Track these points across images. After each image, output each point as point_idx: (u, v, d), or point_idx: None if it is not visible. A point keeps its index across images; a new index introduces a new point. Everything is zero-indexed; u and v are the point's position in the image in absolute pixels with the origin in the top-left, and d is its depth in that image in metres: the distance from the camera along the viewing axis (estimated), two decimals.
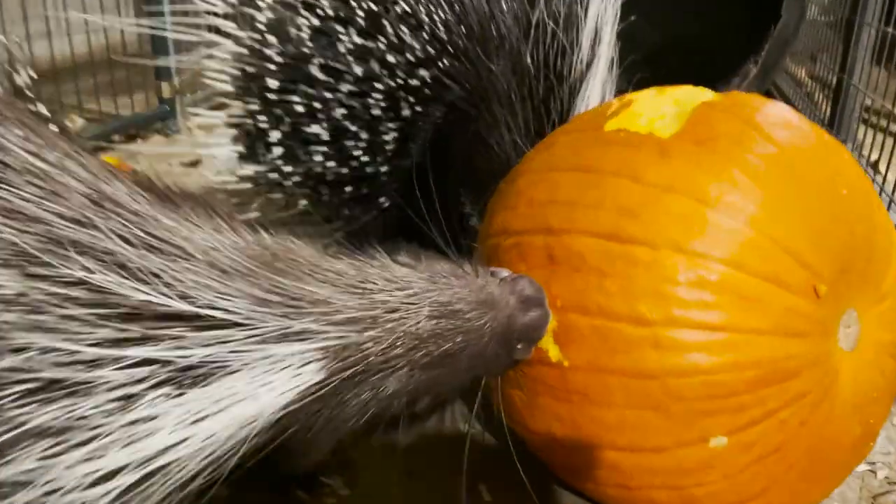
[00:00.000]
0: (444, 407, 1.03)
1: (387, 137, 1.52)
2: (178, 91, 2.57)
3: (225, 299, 0.64)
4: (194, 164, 1.57)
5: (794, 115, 0.94)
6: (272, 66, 1.49)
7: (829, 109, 2.37)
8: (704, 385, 0.80)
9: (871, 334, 0.91)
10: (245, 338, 0.65)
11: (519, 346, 0.85)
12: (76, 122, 2.06)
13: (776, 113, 0.93)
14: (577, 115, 1.09)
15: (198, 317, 0.63)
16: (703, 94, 0.97)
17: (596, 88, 1.18)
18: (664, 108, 0.95)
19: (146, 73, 2.53)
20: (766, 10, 2.14)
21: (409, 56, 1.43)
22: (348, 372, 0.69)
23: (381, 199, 1.63)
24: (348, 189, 1.60)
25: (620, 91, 1.28)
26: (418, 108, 1.48)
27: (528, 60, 1.25)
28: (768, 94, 3.08)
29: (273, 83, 1.50)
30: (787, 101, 2.98)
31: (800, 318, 0.82)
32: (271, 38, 1.49)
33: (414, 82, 1.45)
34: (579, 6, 1.18)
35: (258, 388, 0.64)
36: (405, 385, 0.74)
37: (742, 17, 2.23)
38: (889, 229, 0.93)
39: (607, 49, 1.19)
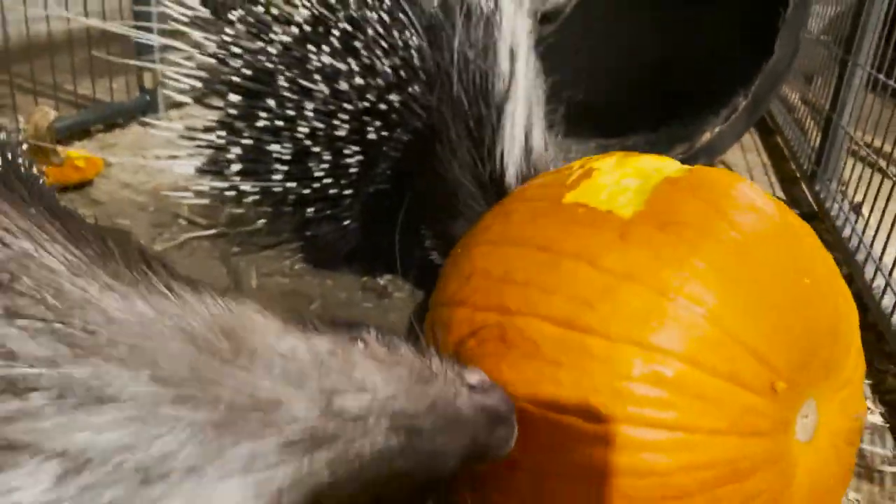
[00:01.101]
0: None
1: (350, 160, 1.48)
2: (159, 83, 2.45)
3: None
4: (172, 158, 1.53)
5: (761, 197, 0.92)
6: (237, 79, 1.45)
7: (818, 140, 2.38)
8: (658, 485, 0.77)
9: (829, 422, 0.88)
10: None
11: (476, 462, 0.78)
12: (48, 115, 1.98)
13: (742, 195, 0.90)
14: (536, 178, 1.06)
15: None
16: (666, 166, 0.94)
17: (520, 108, 1.14)
18: (626, 180, 0.92)
19: (127, 55, 2.39)
20: (761, 44, 2.14)
21: (379, 80, 1.40)
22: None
23: (346, 222, 1.59)
24: (310, 210, 1.55)
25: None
26: (384, 133, 1.45)
27: (458, 88, 1.22)
28: (759, 122, 3.09)
29: (235, 97, 1.46)
30: (778, 128, 3.00)
31: (757, 417, 0.79)
32: (237, 50, 1.45)
33: (382, 106, 1.42)
34: (494, 28, 1.14)
35: None
36: (352, 495, 0.67)
37: (738, 48, 2.22)
38: (850, 314, 0.91)
39: (525, 66, 1.15)
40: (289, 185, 1.51)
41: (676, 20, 2.29)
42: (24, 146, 1.84)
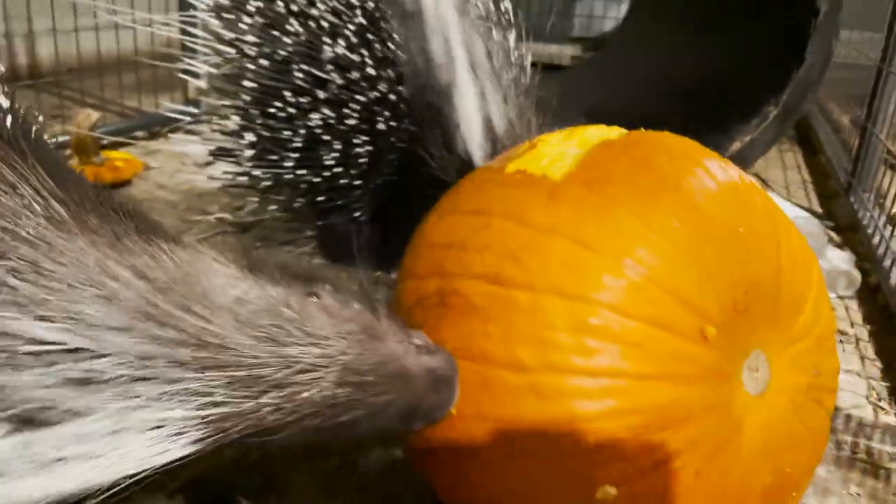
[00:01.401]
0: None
1: (360, 150, 1.51)
2: (203, 93, 2.57)
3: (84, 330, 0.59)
4: (207, 165, 1.63)
5: (700, 152, 0.92)
6: (252, 66, 1.50)
7: (855, 151, 2.35)
8: (585, 432, 0.78)
9: (783, 378, 0.87)
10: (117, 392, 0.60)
11: (417, 425, 0.81)
12: (91, 117, 2.08)
13: (680, 152, 0.91)
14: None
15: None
16: (608, 134, 0.96)
17: (466, 92, 1.16)
18: (569, 149, 0.94)
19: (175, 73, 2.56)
20: (791, 52, 2.12)
21: (390, 71, 1.44)
22: (228, 441, 0.64)
23: (357, 213, 1.62)
24: (321, 199, 1.59)
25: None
26: (392, 123, 1.47)
27: (413, 80, 1.25)
28: (803, 142, 3.02)
29: (251, 84, 1.51)
30: (821, 147, 2.93)
31: (686, 363, 0.79)
32: (253, 39, 1.50)
33: (392, 97, 1.46)
34: (422, 21, 1.17)
35: (129, 452, 0.59)
36: (291, 443, 0.70)
37: (768, 58, 2.21)
38: (805, 271, 0.90)
39: (461, 50, 1.16)
40: (299, 172, 1.53)
41: (712, 35, 2.32)
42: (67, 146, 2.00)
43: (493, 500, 0.85)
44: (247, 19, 1.51)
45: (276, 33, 1.48)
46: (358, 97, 1.45)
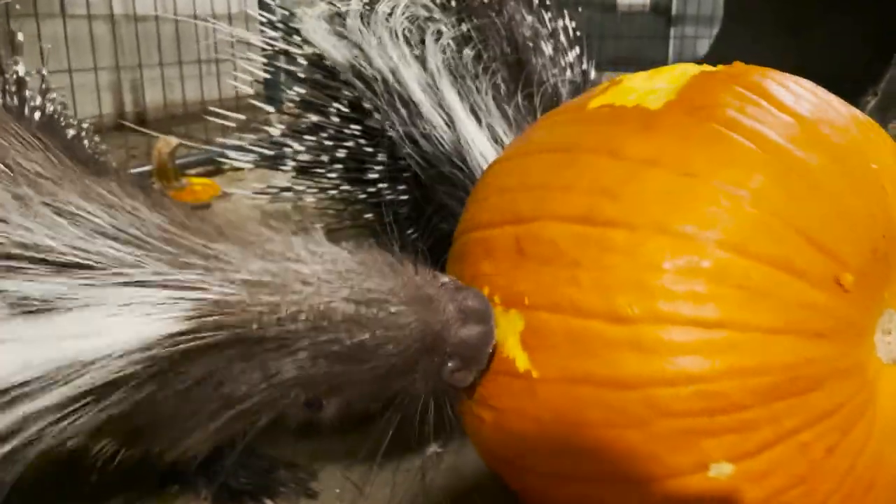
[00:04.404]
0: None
1: (403, 162, 1.42)
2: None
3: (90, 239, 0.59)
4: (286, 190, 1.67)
5: (815, 87, 0.80)
6: (301, 74, 1.51)
7: None
8: (698, 396, 0.65)
9: None
10: (105, 277, 0.59)
11: (451, 366, 0.71)
12: (170, 143, 2.21)
13: (791, 82, 0.79)
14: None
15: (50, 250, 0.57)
16: (705, 68, 0.84)
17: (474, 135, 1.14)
18: (658, 84, 0.82)
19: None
20: (888, 41, 2.06)
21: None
22: (225, 332, 0.60)
23: (408, 231, 1.53)
24: (368, 216, 1.55)
25: None
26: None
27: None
28: None
29: (300, 90, 1.51)
30: None
31: (820, 315, 0.66)
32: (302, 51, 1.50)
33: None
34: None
35: (108, 324, 0.57)
36: (304, 373, 0.63)
37: (865, 49, 2.16)
38: None
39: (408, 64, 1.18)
40: (343, 187, 1.50)
41: (807, 35, 2.28)
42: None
43: (583, 484, 0.72)
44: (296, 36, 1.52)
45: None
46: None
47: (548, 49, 1.35)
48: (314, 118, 1.49)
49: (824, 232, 0.67)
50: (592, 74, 1.45)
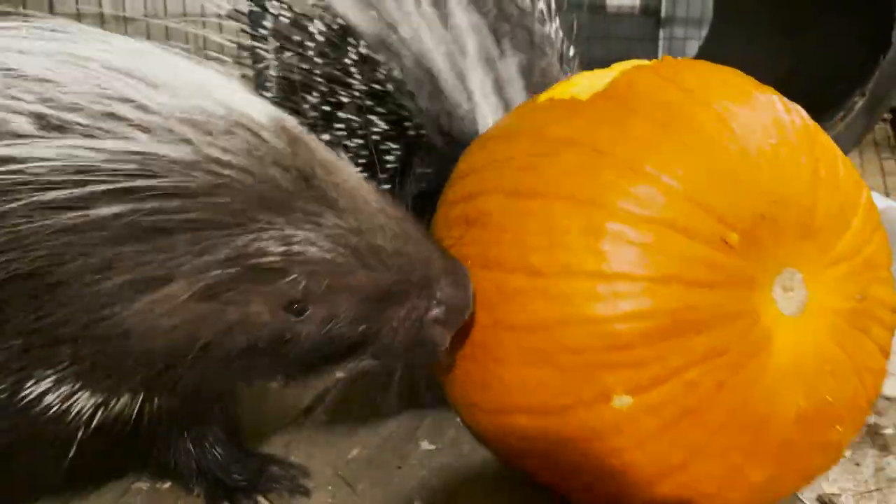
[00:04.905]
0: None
1: (388, 157, 1.39)
2: None
3: None
4: None
5: (741, 77, 0.90)
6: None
7: None
8: (596, 335, 0.76)
9: (822, 300, 0.82)
10: None
11: (435, 314, 0.79)
12: None
13: (711, 70, 0.90)
14: None
15: None
16: (640, 62, 0.96)
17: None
18: (599, 79, 0.94)
19: None
20: (877, 41, 2.05)
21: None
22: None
23: None
24: None
25: None
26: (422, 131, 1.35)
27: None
28: None
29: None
30: None
31: (705, 268, 0.76)
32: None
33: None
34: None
35: None
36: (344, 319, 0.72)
37: (854, 50, 2.15)
38: (851, 194, 0.85)
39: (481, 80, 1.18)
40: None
41: (799, 35, 2.28)
42: None
43: (513, 416, 0.84)
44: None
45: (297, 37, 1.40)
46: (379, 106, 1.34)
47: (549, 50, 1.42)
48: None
49: (712, 198, 0.77)
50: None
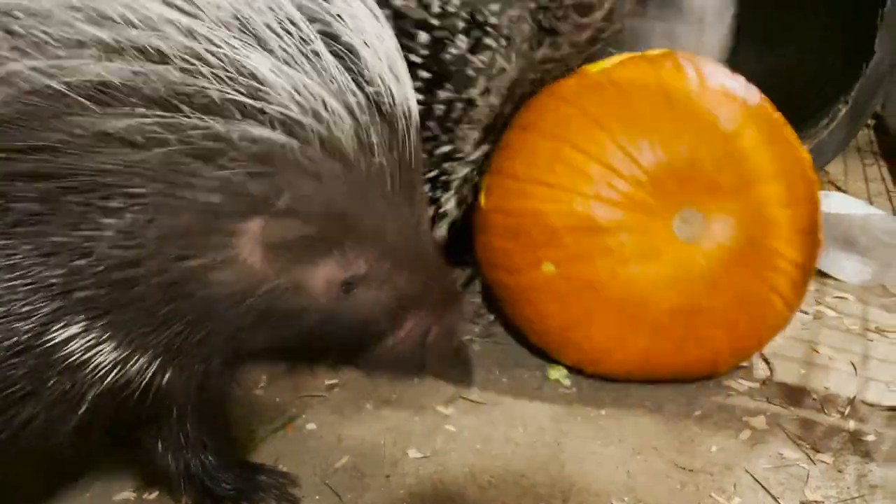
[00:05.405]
0: None
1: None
2: None
3: None
4: None
5: (703, 64, 1.24)
6: None
7: None
8: (541, 224, 1.20)
9: (716, 236, 1.17)
10: None
11: (435, 331, 0.84)
12: None
13: (685, 60, 1.25)
14: None
15: None
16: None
17: None
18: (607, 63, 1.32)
19: None
20: (859, 49, 2.03)
21: None
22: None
23: None
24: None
25: None
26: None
27: None
28: (886, 156, 2.63)
29: None
30: None
31: (618, 194, 1.15)
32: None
33: None
34: None
35: None
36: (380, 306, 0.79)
37: (836, 57, 2.12)
38: (749, 158, 1.16)
39: None
40: None
41: (777, 44, 2.25)
42: None
43: (496, 271, 1.31)
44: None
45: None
46: None
47: None
48: None
49: (636, 151, 1.15)
50: None
